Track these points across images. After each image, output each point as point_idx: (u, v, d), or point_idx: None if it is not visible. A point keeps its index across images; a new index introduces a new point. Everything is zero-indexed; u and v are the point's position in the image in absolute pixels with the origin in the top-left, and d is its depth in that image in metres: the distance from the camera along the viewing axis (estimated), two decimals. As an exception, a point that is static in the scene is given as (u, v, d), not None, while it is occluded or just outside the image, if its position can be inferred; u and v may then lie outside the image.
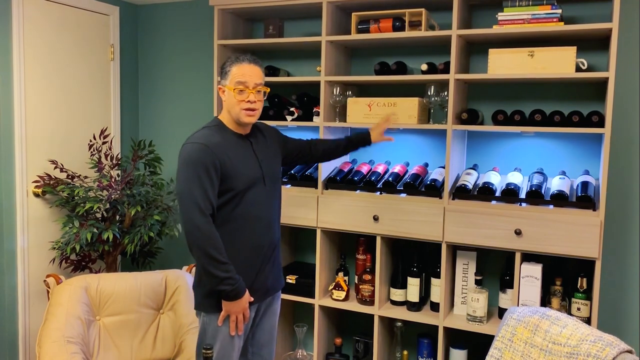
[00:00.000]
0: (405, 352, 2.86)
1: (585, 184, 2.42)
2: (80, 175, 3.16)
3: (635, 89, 2.54)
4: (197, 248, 1.94)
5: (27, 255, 3.06)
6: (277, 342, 3.14)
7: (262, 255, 2.12)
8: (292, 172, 2.91)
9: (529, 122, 2.50)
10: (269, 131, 2.28)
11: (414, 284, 2.73)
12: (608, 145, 2.31)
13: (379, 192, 2.73)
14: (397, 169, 2.79)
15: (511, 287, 2.55)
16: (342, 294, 2.85)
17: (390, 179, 2.72)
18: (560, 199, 2.39)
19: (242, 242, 2.06)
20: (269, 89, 2.13)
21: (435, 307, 2.72)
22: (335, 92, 2.82)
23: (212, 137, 2.02)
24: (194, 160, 1.95)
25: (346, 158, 3.08)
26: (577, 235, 2.32)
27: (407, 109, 2.65)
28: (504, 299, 2.59)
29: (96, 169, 3.12)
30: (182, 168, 1.98)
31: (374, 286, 2.77)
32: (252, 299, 2.08)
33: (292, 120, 2.91)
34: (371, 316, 2.79)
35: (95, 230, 2.96)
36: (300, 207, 2.83)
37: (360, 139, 2.46)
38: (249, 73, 2.03)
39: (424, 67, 2.67)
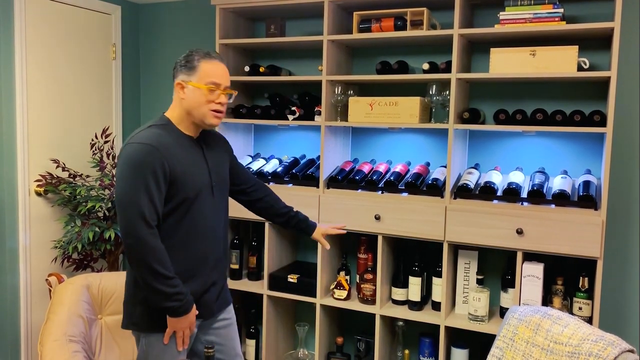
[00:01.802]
0: (406, 352, 2.86)
1: (586, 184, 2.42)
2: (82, 174, 3.17)
3: (637, 88, 2.54)
4: (139, 262, 1.75)
5: (29, 254, 3.07)
6: (279, 341, 3.14)
7: (208, 270, 1.96)
8: (294, 171, 2.91)
9: (531, 122, 2.50)
10: (220, 138, 2.11)
11: (415, 283, 2.73)
12: (610, 145, 2.31)
13: (380, 192, 2.73)
14: (398, 168, 2.80)
15: (513, 286, 2.55)
16: (344, 293, 2.85)
17: (391, 178, 2.72)
18: (561, 199, 2.39)
19: (188, 257, 1.89)
20: (236, 92, 2.01)
21: (436, 306, 2.72)
22: (336, 92, 2.82)
23: (160, 137, 1.82)
24: (140, 163, 1.75)
25: (348, 157, 3.08)
26: (579, 234, 2.32)
27: (408, 108, 2.65)
28: (506, 299, 2.59)
29: (98, 168, 3.12)
30: (125, 171, 1.77)
31: (375, 285, 2.77)
32: (197, 312, 1.91)
33: (294, 119, 2.91)
34: (372, 315, 2.80)
35: (97, 229, 2.97)
36: (301, 206, 2.82)
37: (304, 225, 2.28)
38: (221, 73, 1.90)
39: (426, 66, 2.67)
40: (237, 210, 2.48)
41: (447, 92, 2.62)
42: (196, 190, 1.88)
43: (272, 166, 3.04)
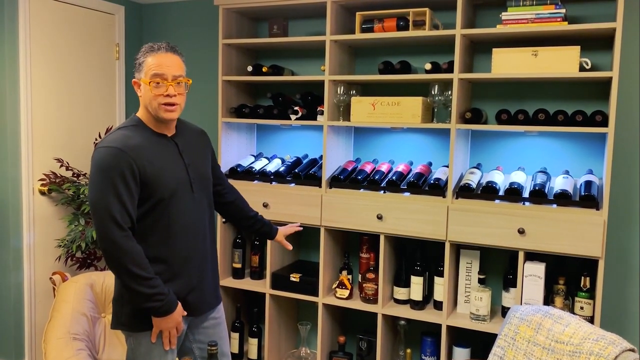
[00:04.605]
0: (408, 351, 2.87)
1: (588, 183, 2.43)
2: (85, 173, 3.19)
3: (639, 88, 2.54)
4: (116, 266, 1.75)
5: (33, 253, 3.08)
6: (281, 340, 3.16)
7: (192, 269, 1.93)
8: (297, 170, 2.93)
9: (533, 122, 2.50)
10: (199, 134, 2.08)
11: (417, 282, 2.74)
12: (611, 145, 2.31)
13: (382, 191, 2.74)
14: (400, 167, 2.80)
15: (514, 286, 2.56)
16: (346, 293, 2.86)
17: (394, 177, 2.73)
18: (563, 198, 2.39)
19: (169, 256, 1.87)
20: (190, 81, 1.92)
21: (438, 305, 2.73)
22: (339, 92, 2.83)
23: (128, 139, 1.80)
24: (108, 167, 1.74)
25: (350, 157, 3.09)
26: (581, 234, 2.33)
27: (411, 108, 2.66)
28: (507, 298, 2.60)
29: (101, 167, 3.14)
30: (95, 176, 1.76)
31: (377, 285, 2.78)
32: (185, 312, 1.90)
33: (296, 119, 2.92)
34: (375, 314, 2.81)
35: (100, 228, 2.98)
36: (304, 205, 2.85)
37: (268, 229, 2.28)
38: (166, 63, 1.83)
39: (428, 66, 2.67)
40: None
41: (450, 92, 2.63)
42: (171, 189, 1.85)
43: (274, 166, 3.06)
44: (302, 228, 2.44)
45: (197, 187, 1.95)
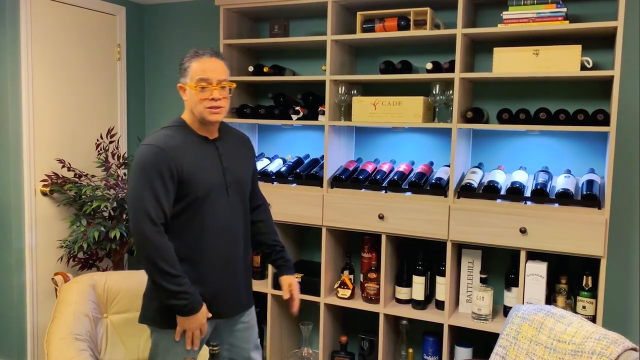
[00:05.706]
0: (410, 350, 2.86)
1: (590, 182, 2.42)
2: (87, 174, 3.19)
3: (641, 87, 2.54)
4: (146, 260, 1.80)
5: (35, 254, 3.09)
6: (283, 340, 3.16)
7: (222, 272, 1.95)
8: (298, 170, 2.93)
9: (534, 121, 2.50)
10: (244, 140, 2.12)
11: (419, 282, 2.74)
12: (613, 144, 2.31)
13: (384, 191, 2.74)
14: (402, 167, 2.80)
15: (516, 285, 2.56)
16: (348, 292, 2.86)
17: (395, 177, 2.73)
18: (565, 198, 2.39)
19: (200, 257, 1.90)
20: (234, 85, 2.01)
21: (440, 305, 2.72)
22: (340, 91, 2.83)
23: (170, 138, 1.87)
24: (147, 165, 1.81)
25: (351, 157, 3.09)
26: (583, 233, 2.32)
27: (412, 107, 2.65)
28: (509, 297, 2.60)
29: (103, 168, 3.14)
30: (134, 172, 1.84)
31: (379, 284, 2.78)
32: (210, 314, 1.92)
33: (298, 119, 2.92)
34: (376, 314, 2.80)
35: (102, 228, 2.98)
36: (305, 205, 2.85)
37: (282, 266, 2.15)
38: (211, 68, 1.89)
39: (429, 66, 2.67)
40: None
41: (451, 92, 2.63)
42: (206, 190, 1.89)
43: (276, 166, 3.06)
44: (296, 303, 2.17)
45: (233, 191, 1.97)
